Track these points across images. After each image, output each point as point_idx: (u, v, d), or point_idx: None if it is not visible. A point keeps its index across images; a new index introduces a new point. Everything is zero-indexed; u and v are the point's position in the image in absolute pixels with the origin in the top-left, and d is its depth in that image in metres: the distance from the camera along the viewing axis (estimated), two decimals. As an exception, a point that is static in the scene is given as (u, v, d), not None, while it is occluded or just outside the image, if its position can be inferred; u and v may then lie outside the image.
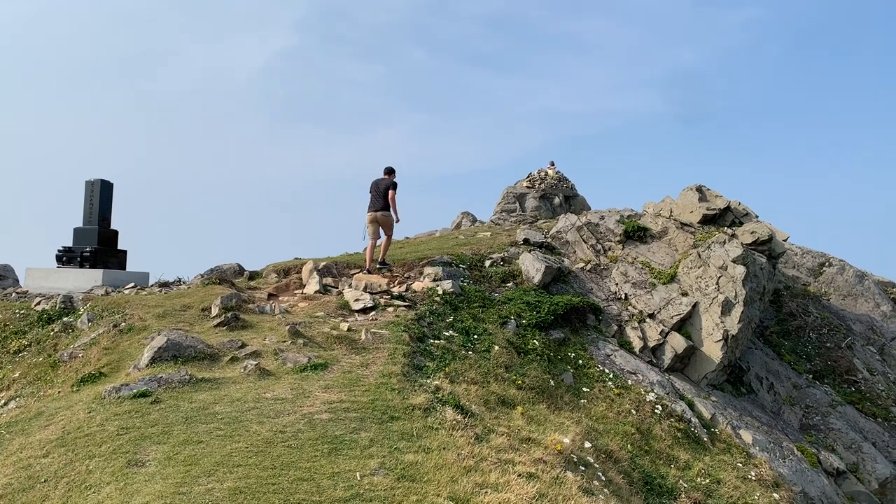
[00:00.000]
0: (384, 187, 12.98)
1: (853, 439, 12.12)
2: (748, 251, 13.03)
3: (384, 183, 13.05)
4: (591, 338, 11.31)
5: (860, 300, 17.65)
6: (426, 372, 7.82)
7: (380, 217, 12.98)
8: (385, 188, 12.98)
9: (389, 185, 13.00)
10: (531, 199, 22.41)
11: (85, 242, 14.60)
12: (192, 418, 5.92)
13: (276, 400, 6.43)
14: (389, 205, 12.94)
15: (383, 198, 12.95)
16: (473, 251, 13.77)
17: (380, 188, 13.03)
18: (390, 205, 12.93)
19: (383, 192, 12.97)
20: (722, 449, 9.69)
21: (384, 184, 13.03)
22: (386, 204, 12.95)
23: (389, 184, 13.03)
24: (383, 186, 12.99)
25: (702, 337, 11.82)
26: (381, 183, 13.07)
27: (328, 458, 5.18)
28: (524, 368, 9.23)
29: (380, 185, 13.05)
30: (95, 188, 14.88)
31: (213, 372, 7.34)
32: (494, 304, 11.13)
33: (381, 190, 13.00)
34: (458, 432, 6.10)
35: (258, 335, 8.77)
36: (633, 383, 10.25)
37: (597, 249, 14.30)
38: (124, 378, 7.28)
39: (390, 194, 12.90)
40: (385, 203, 12.94)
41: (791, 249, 18.86)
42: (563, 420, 7.94)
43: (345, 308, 10.24)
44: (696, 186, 14.92)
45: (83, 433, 5.75)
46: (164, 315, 9.89)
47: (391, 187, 12.98)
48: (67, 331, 10.30)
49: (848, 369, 14.46)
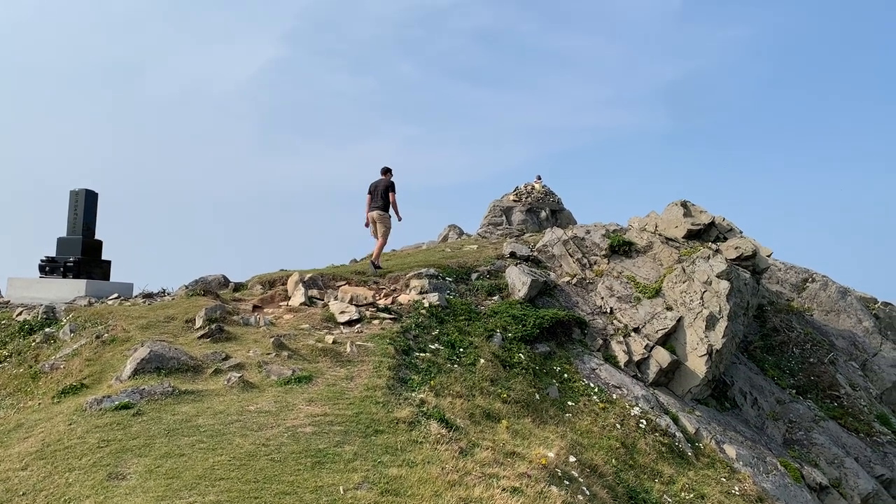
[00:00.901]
0: (383, 188, 13.30)
1: (836, 454, 12.18)
2: (732, 266, 13.12)
3: (383, 183, 13.37)
4: (577, 352, 11.33)
5: (843, 316, 17.81)
6: (411, 385, 7.80)
7: (376, 216, 13.31)
8: (384, 189, 13.29)
9: (388, 186, 13.31)
10: (518, 212, 22.49)
11: (68, 252, 14.48)
12: (175, 431, 5.87)
13: (260, 413, 6.39)
14: (387, 205, 13.27)
15: (382, 198, 13.26)
16: (460, 264, 13.78)
17: (378, 189, 13.35)
18: (390, 205, 13.28)
19: (382, 192, 13.28)
20: (706, 463, 9.71)
21: (383, 184, 13.35)
22: (384, 204, 13.27)
23: (388, 184, 13.34)
24: (382, 187, 13.32)
25: (686, 351, 11.87)
26: (380, 183, 13.39)
27: (311, 471, 5.15)
28: (509, 382, 9.22)
29: (378, 186, 13.38)
30: (80, 198, 14.76)
31: (196, 384, 7.28)
32: (480, 318, 11.13)
33: (380, 190, 13.30)
34: (443, 446, 6.08)
35: (242, 347, 8.72)
36: (618, 397, 10.26)
37: (582, 263, 14.35)
38: (106, 390, 7.21)
39: (391, 196, 13.25)
40: (383, 203, 13.27)
41: (775, 265, 19.02)
42: (547, 434, 7.94)
43: (330, 320, 10.20)
44: (681, 202, 15.04)
45: (63, 445, 5.68)
46: (148, 326, 9.81)
47: (390, 188, 13.30)
48: (49, 342, 10.19)
49: (831, 385, 14.56)
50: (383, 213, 13.35)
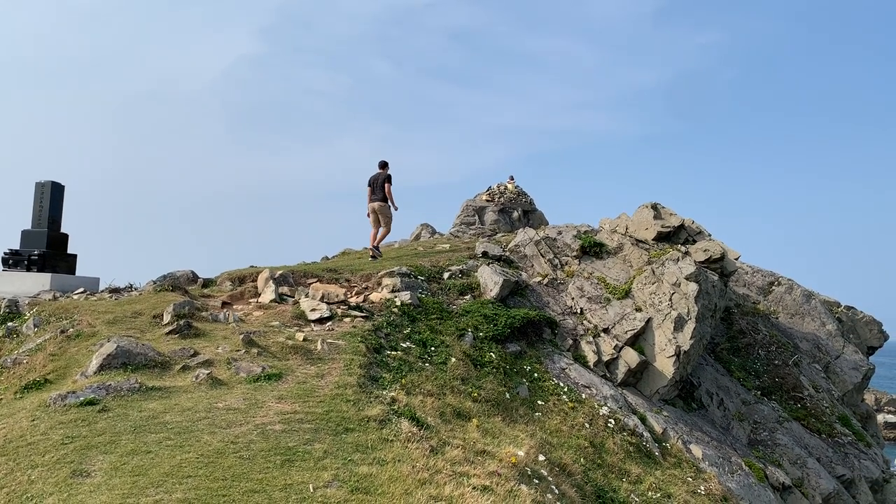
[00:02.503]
0: (381, 180, 14.47)
1: (798, 455, 12.41)
2: (701, 269, 13.29)
3: (381, 176, 14.54)
4: (547, 351, 11.39)
5: (807, 319, 18.13)
6: (382, 383, 7.78)
7: (377, 207, 14.52)
8: (382, 181, 14.45)
9: (385, 178, 14.47)
10: (490, 212, 22.55)
11: (33, 245, 14.19)
12: (141, 427, 5.78)
13: (229, 410, 6.32)
14: (386, 196, 14.42)
15: (381, 189, 14.44)
16: (432, 263, 13.77)
17: (378, 181, 14.52)
18: (387, 196, 14.41)
19: (381, 184, 14.45)
20: (673, 463, 9.82)
21: (381, 177, 14.52)
22: (383, 196, 14.44)
23: (385, 177, 14.50)
24: (381, 180, 14.49)
25: (654, 352, 12.00)
26: (379, 177, 14.56)
27: (281, 469, 5.11)
28: (480, 381, 9.24)
29: (378, 179, 14.54)
30: (46, 190, 14.48)
31: (163, 380, 7.19)
32: (452, 317, 11.14)
33: (379, 183, 14.47)
34: (414, 444, 6.08)
35: (211, 344, 8.62)
36: (587, 397, 10.34)
37: (554, 264, 14.43)
38: (71, 385, 7.07)
39: (387, 187, 14.40)
40: (382, 195, 14.44)
41: (742, 268, 19.30)
42: (517, 433, 7.97)
43: (301, 318, 10.13)
44: (652, 204, 15.18)
45: (25, 442, 5.57)
46: (115, 321, 9.65)
47: (387, 180, 14.46)
48: (12, 336, 9.98)
49: (794, 386, 14.82)
50: (383, 204, 14.45)
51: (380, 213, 14.53)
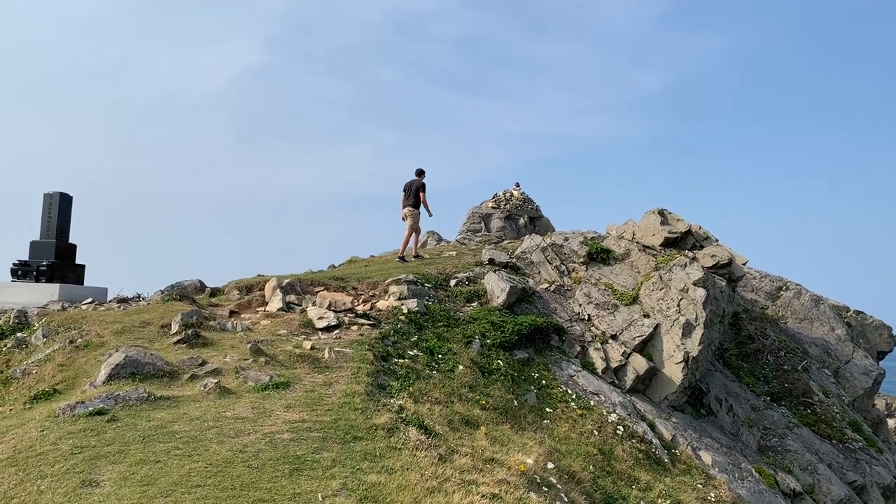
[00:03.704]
0: (415, 187, 15.32)
1: (809, 461, 12.33)
2: (708, 274, 13.25)
3: (415, 183, 15.37)
4: (555, 358, 11.37)
5: (816, 324, 18.05)
6: (390, 391, 7.77)
7: (408, 213, 15.41)
8: (416, 188, 15.30)
9: (420, 186, 15.32)
10: (496, 219, 22.54)
11: (42, 256, 14.26)
12: (150, 437, 5.79)
13: (237, 419, 6.33)
14: (418, 203, 15.27)
15: (414, 196, 15.29)
16: (439, 270, 13.77)
17: (411, 188, 15.37)
18: (421, 202, 15.26)
19: (414, 191, 15.31)
20: (682, 470, 9.77)
21: (415, 184, 15.36)
22: (416, 202, 15.29)
23: (420, 184, 15.34)
24: (415, 186, 15.34)
25: (663, 358, 11.95)
26: (414, 183, 15.38)
27: (289, 478, 5.11)
28: (488, 388, 9.23)
29: (412, 186, 15.38)
30: (54, 201, 14.56)
31: (172, 390, 7.20)
32: (459, 324, 11.13)
33: (413, 189, 15.32)
34: (422, 453, 6.07)
35: (219, 353, 8.63)
36: (596, 404, 10.30)
37: (561, 270, 14.41)
38: (80, 395, 7.09)
39: (421, 195, 15.23)
40: (415, 201, 15.29)
41: (750, 273, 19.23)
42: (526, 441, 7.95)
43: (308, 326, 10.14)
44: (658, 210, 15.16)
45: (35, 452, 5.58)
46: (123, 331, 9.68)
47: (421, 188, 15.32)
48: (21, 347, 10.02)
49: (804, 392, 14.74)
50: (414, 210, 15.33)
51: (409, 217, 15.36)
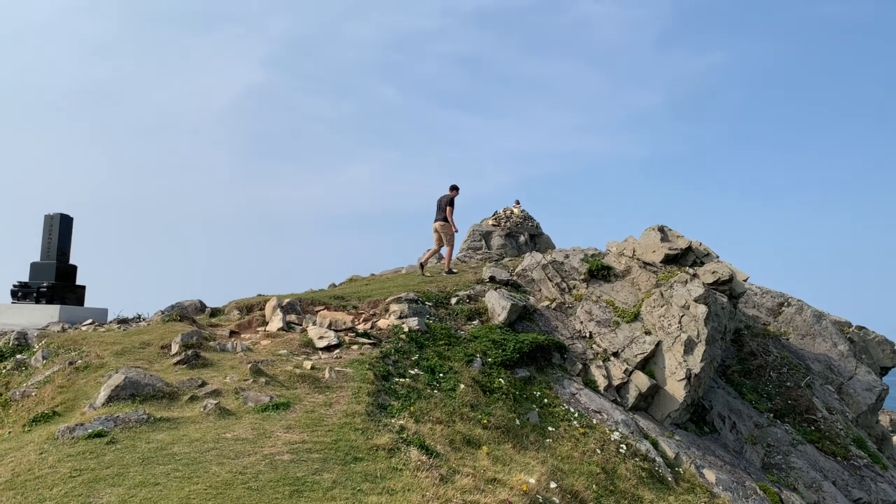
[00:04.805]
0: (444, 202, 15.44)
1: (814, 478, 12.23)
2: (710, 291, 13.23)
3: (445, 198, 15.50)
4: (557, 376, 11.32)
5: (818, 340, 17.98)
6: (391, 411, 7.73)
7: (438, 227, 15.55)
8: (445, 203, 15.42)
9: (448, 201, 15.42)
10: (497, 237, 22.56)
11: (42, 277, 14.26)
12: (150, 459, 5.76)
13: (237, 440, 6.29)
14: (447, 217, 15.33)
15: (443, 210, 15.39)
16: (439, 288, 13.76)
17: (441, 202, 15.51)
18: (448, 217, 15.33)
19: (444, 206, 15.41)
20: (686, 489, 9.69)
21: (445, 199, 15.48)
22: (444, 216, 15.36)
23: (449, 199, 15.44)
24: (444, 201, 15.47)
25: (665, 376, 11.90)
26: (443, 198, 15.53)
27: (289, 500, 5.07)
28: (490, 407, 9.18)
29: (442, 200, 15.54)
30: (55, 222, 14.59)
31: (171, 411, 7.17)
32: (460, 342, 11.09)
33: (442, 204, 15.45)
34: (423, 473, 6.02)
35: (219, 373, 8.61)
36: (598, 422, 10.25)
37: (562, 288, 14.39)
38: (79, 417, 7.06)
39: (448, 210, 15.32)
40: (444, 215, 15.36)
41: (751, 289, 19.19)
42: (528, 460, 7.89)
43: (308, 346, 10.11)
44: (658, 227, 15.16)
45: (34, 475, 5.54)
46: (123, 352, 9.65)
47: (449, 203, 15.40)
48: (20, 368, 9.98)
49: (808, 408, 14.65)
50: (444, 224, 15.43)
51: (441, 231, 15.51)
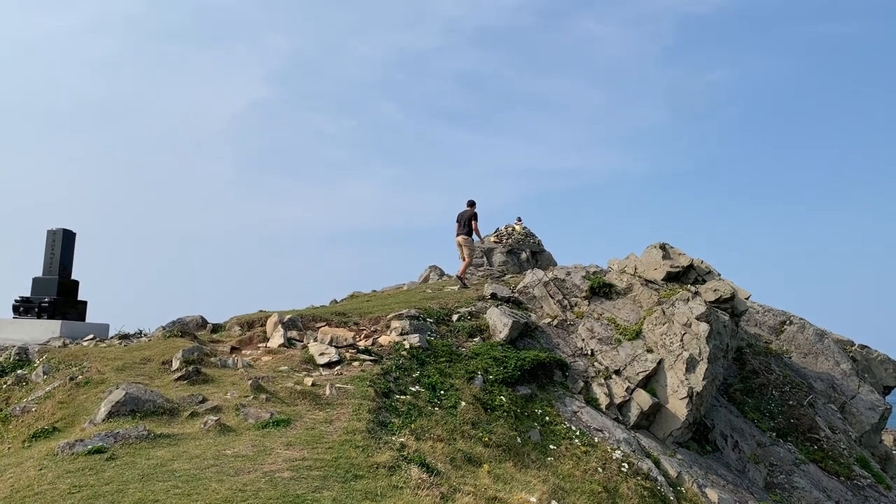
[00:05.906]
0: (467, 217, 16.60)
1: (817, 498, 12.14)
2: (711, 309, 13.21)
3: (467, 213, 16.65)
4: (558, 394, 11.28)
5: (820, 358, 17.91)
6: (391, 428, 7.70)
7: (461, 241, 16.68)
8: (468, 218, 16.58)
9: (472, 216, 16.59)
10: (498, 254, 22.57)
11: (44, 292, 14.26)
12: (149, 476, 5.74)
13: (237, 457, 6.27)
14: (471, 231, 16.52)
15: (466, 225, 16.55)
16: (441, 305, 13.75)
17: (463, 217, 16.65)
18: (474, 230, 16.54)
19: (466, 220, 16.57)
20: (688, 508, 9.62)
21: (467, 214, 16.64)
22: (469, 231, 16.54)
23: (472, 214, 16.61)
24: (466, 216, 16.62)
25: (667, 394, 11.85)
26: (466, 213, 16.67)
27: (289, 518, 5.04)
28: (491, 425, 9.14)
29: (463, 216, 16.68)
30: (57, 238, 14.61)
31: (171, 427, 7.15)
32: (461, 359, 11.07)
33: (465, 219, 16.59)
34: (424, 491, 5.99)
35: (220, 390, 8.59)
36: (600, 440, 10.20)
37: (563, 305, 14.38)
38: (79, 433, 7.05)
39: (473, 223, 16.52)
40: (468, 230, 16.54)
41: (753, 307, 19.15)
42: (529, 478, 7.85)
43: (309, 362, 10.10)
44: (660, 244, 15.17)
45: (33, 491, 5.52)
46: (124, 368, 9.64)
47: (473, 217, 16.58)
48: (21, 384, 9.97)
49: (810, 427, 14.58)
50: (468, 238, 16.58)
51: (464, 245, 16.58)
